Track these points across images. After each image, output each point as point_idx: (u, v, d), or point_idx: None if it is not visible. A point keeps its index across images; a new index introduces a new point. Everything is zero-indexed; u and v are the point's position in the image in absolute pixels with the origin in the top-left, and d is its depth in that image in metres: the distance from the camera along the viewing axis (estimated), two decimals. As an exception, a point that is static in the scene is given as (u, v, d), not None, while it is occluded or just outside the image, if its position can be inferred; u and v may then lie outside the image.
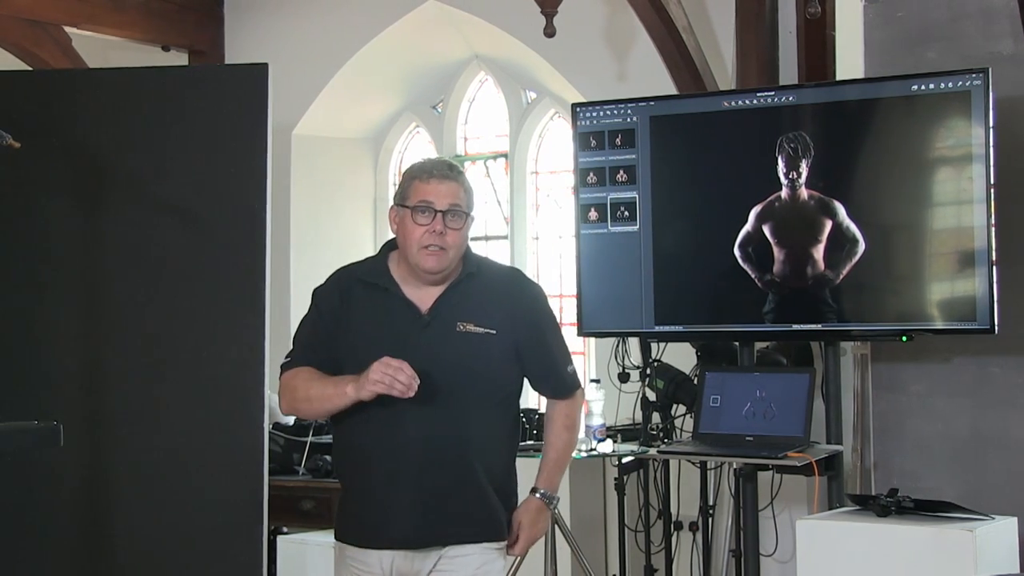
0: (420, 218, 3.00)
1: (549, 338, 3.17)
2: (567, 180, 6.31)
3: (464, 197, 3.05)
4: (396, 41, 6.61)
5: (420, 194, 3.02)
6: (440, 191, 3.01)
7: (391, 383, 2.86)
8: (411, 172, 3.09)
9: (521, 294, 3.15)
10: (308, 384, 3.05)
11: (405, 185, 3.07)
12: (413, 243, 3.01)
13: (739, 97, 4.59)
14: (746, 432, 4.29)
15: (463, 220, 3.04)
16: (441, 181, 3.02)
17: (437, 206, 3.00)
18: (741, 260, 4.47)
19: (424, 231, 2.99)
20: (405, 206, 3.04)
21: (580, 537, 4.89)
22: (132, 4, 6.44)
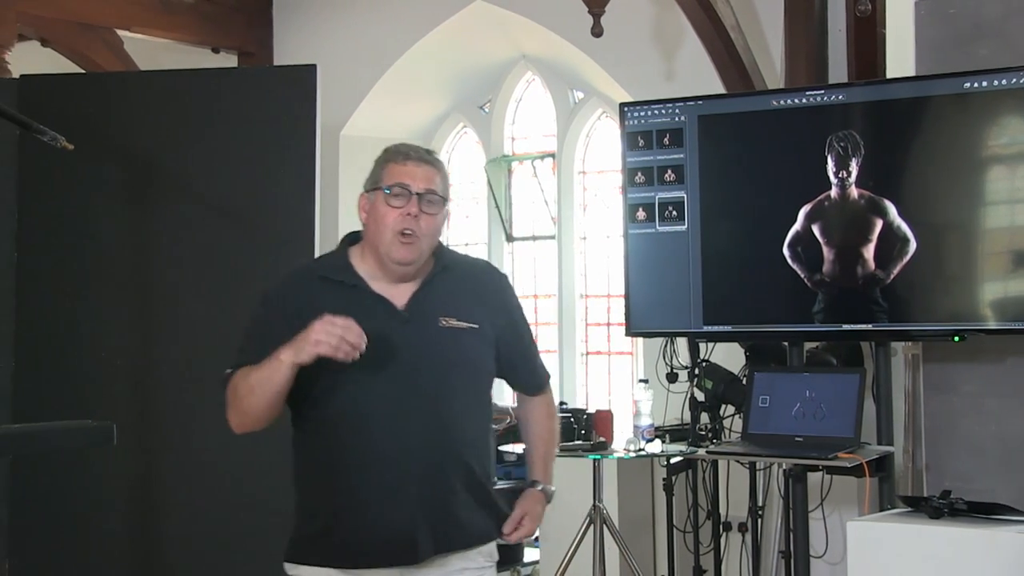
0: (394, 201, 2.78)
1: (523, 329, 3.03)
2: (615, 180, 6.31)
3: (441, 184, 2.84)
4: (443, 41, 6.63)
5: (395, 176, 2.81)
6: (417, 174, 2.81)
7: (338, 344, 2.60)
8: (385, 155, 2.89)
9: (497, 287, 2.99)
10: (246, 378, 2.73)
11: (378, 168, 2.87)
12: (386, 229, 2.78)
13: (788, 96, 4.55)
14: (796, 433, 4.26)
15: (439, 207, 2.82)
16: (418, 164, 2.83)
17: (413, 188, 2.78)
18: (790, 260, 4.43)
19: (398, 214, 2.77)
20: (379, 188, 2.82)
21: (628, 537, 4.88)
22: (182, 7, 6.50)
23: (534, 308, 7.01)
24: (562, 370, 6.74)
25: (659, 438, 4.93)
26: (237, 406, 2.74)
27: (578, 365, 6.76)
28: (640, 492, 5.34)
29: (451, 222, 2.81)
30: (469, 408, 2.86)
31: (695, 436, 4.87)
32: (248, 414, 2.73)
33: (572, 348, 6.75)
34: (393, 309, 2.79)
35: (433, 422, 2.78)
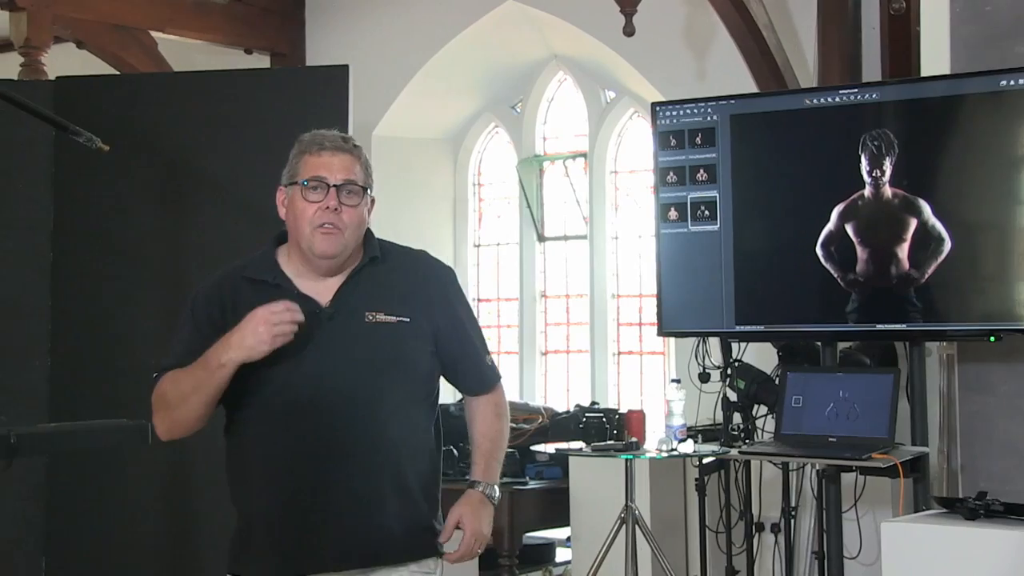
0: (312, 195, 2.63)
1: (467, 324, 2.82)
2: (646, 179, 6.29)
3: (360, 172, 2.68)
4: (475, 41, 6.63)
5: (311, 169, 2.65)
6: (333, 164, 2.65)
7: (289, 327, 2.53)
8: (300, 146, 2.71)
9: (433, 276, 2.80)
10: (176, 382, 2.62)
11: (294, 161, 2.70)
12: (304, 224, 2.63)
13: (821, 95, 4.53)
14: (829, 433, 4.24)
15: (360, 197, 2.67)
16: (334, 154, 2.67)
17: (330, 180, 2.63)
18: (823, 259, 4.41)
19: (316, 209, 2.62)
20: (295, 183, 2.67)
21: (660, 537, 4.87)
22: (215, 8, 6.54)
23: (566, 308, 7.01)
24: (594, 370, 6.73)
25: (691, 438, 4.91)
26: (167, 413, 2.63)
27: (610, 365, 6.75)
28: (672, 492, 5.33)
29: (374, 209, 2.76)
30: (401, 408, 2.68)
31: (727, 436, 4.85)
32: (180, 421, 2.63)
33: (604, 348, 6.74)
34: (316, 306, 2.65)
35: (356, 424, 2.63)
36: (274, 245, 2.76)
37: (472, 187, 7.29)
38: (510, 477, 5.47)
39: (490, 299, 7.26)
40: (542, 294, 7.07)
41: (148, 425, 1.63)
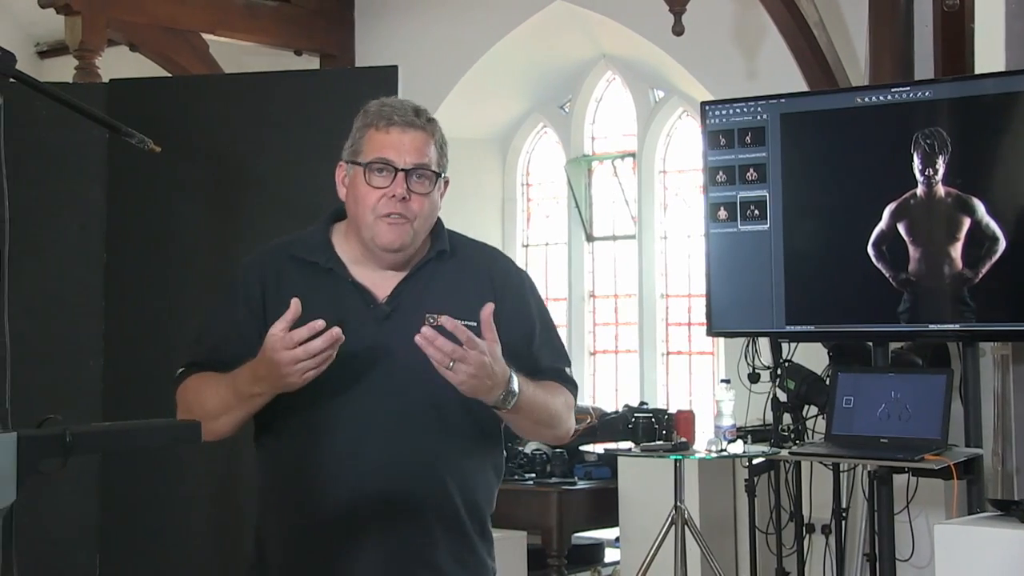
0: (376, 179, 2.27)
1: (545, 332, 2.42)
2: (695, 179, 6.27)
3: (434, 153, 2.33)
4: (523, 42, 6.63)
5: (377, 148, 2.29)
6: (403, 144, 2.28)
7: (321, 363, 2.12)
8: (365, 118, 2.34)
9: (507, 277, 2.41)
10: (200, 395, 2.27)
11: (358, 136, 2.34)
12: (367, 211, 2.27)
13: (873, 93, 4.50)
14: (881, 434, 4.21)
15: (432, 183, 2.31)
16: (404, 130, 2.30)
17: (398, 164, 2.27)
18: (875, 259, 4.38)
19: (381, 196, 2.26)
20: (357, 163, 2.30)
21: (710, 538, 4.85)
22: (265, 11, 6.58)
23: (614, 308, 6.99)
24: (643, 370, 6.71)
25: (741, 439, 4.89)
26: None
27: (659, 365, 6.73)
28: (722, 493, 5.31)
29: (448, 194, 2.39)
30: (459, 427, 2.29)
31: (778, 437, 4.82)
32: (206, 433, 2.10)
33: (653, 348, 6.72)
34: (371, 300, 2.29)
35: (409, 444, 2.25)
36: (329, 222, 2.40)
37: (521, 187, 7.29)
38: (559, 477, 5.47)
39: (539, 299, 7.26)
40: (591, 294, 7.06)
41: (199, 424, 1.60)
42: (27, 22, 7.34)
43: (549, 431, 2.40)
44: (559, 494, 5.40)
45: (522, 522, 5.46)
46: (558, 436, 2.44)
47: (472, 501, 2.33)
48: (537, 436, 2.51)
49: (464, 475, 2.31)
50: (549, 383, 2.34)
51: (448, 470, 2.28)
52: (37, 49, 7.66)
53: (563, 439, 2.48)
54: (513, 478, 5.52)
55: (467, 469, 2.32)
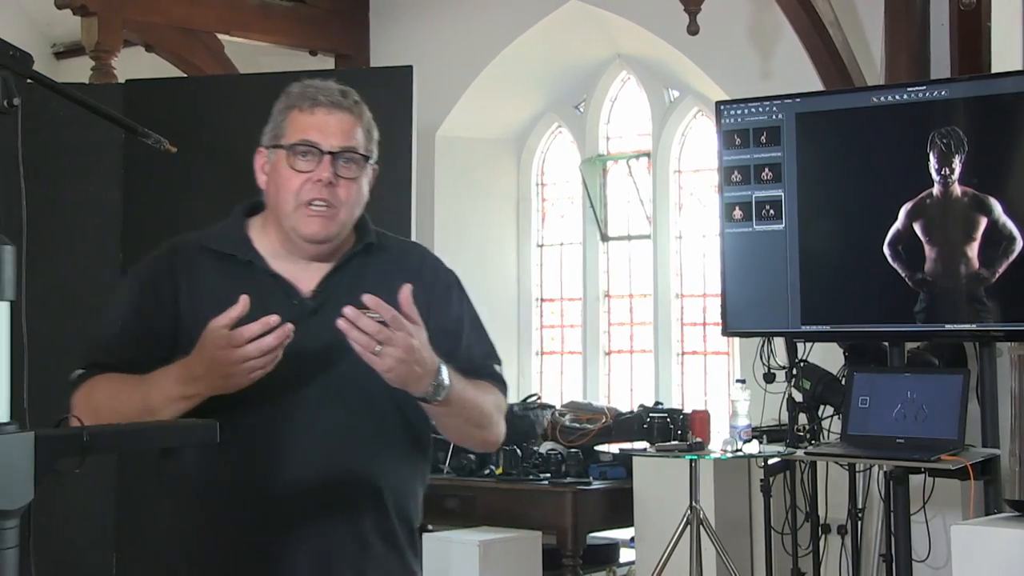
0: (300, 163, 2.11)
1: (469, 328, 2.27)
2: (710, 179, 6.26)
3: (362, 137, 2.15)
4: (538, 41, 6.63)
5: (300, 130, 2.12)
6: (329, 126, 2.11)
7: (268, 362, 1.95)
8: (288, 99, 2.17)
9: (436, 274, 2.28)
10: (114, 399, 2.02)
11: (279, 117, 2.16)
12: (289, 198, 2.11)
13: (888, 92, 4.49)
14: (897, 434, 4.20)
15: (360, 168, 2.14)
16: (330, 112, 2.12)
17: (324, 146, 2.10)
18: (891, 258, 4.37)
19: (305, 181, 2.10)
20: (279, 146, 2.14)
21: (725, 538, 4.84)
22: (280, 11, 6.59)
23: (629, 308, 6.99)
24: (658, 370, 6.70)
25: (756, 439, 4.88)
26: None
27: (674, 365, 6.72)
28: (737, 493, 5.30)
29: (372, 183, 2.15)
30: (394, 432, 2.16)
31: (793, 437, 4.81)
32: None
33: (668, 348, 6.71)
34: (296, 295, 2.13)
35: (341, 444, 2.10)
36: (243, 215, 2.24)
37: (535, 187, 7.29)
38: (574, 477, 5.47)
39: (553, 299, 7.26)
40: (605, 294, 7.05)
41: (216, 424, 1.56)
42: (44, 23, 7.37)
43: (480, 433, 2.21)
44: (574, 494, 5.39)
45: (537, 522, 5.46)
46: (488, 441, 2.24)
47: (405, 512, 2.19)
48: (467, 439, 2.28)
49: (399, 484, 2.17)
50: (480, 382, 2.19)
51: (384, 479, 2.13)
52: (54, 50, 7.69)
53: (493, 444, 2.27)
54: (528, 478, 5.52)
55: (401, 478, 2.18)
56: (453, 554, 5.28)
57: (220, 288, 2.09)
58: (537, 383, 7.12)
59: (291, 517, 2.08)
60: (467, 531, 5.43)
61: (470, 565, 5.20)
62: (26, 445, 1.42)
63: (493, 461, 5.59)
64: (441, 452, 5.62)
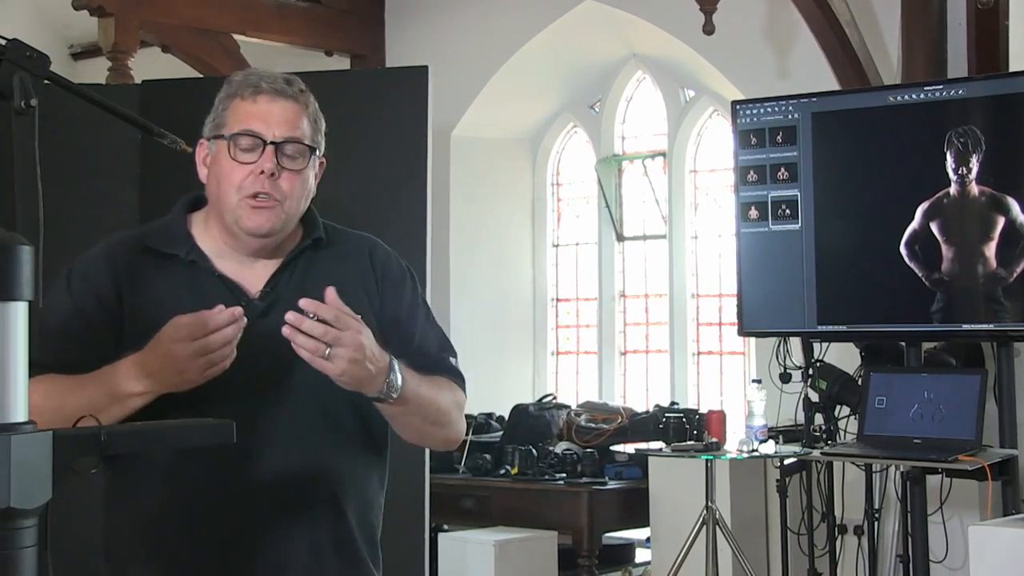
0: (242, 155, 2.01)
1: (428, 324, 2.18)
2: (726, 178, 6.25)
3: (307, 127, 2.06)
4: (554, 41, 6.63)
5: (242, 119, 2.03)
6: (272, 114, 2.02)
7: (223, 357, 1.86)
8: (230, 88, 2.07)
9: (387, 267, 2.16)
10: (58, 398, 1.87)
11: (220, 107, 2.08)
12: (230, 191, 2.01)
13: (905, 92, 4.47)
14: (914, 434, 4.18)
15: (306, 159, 2.05)
16: (273, 99, 2.03)
17: (267, 136, 2.01)
18: (908, 258, 4.36)
19: (248, 173, 2.00)
20: (220, 136, 2.05)
21: (741, 539, 4.83)
22: (296, 11, 6.61)
23: (645, 308, 6.98)
24: (673, 370, 6.69)
25: (772, 439, 4.87)
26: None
27: (689, 365, 6.71)
28: (753, 493, 5.29)
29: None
30: (351, 437, 2.07)
31: (809, 437, 4.80)
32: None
33: (683, 348, 6.70)
34: (242, 295, 2.03)
35: (299, 457, 2.01)
36: (185, 211, 2.14)
37: (551, 187, 7.29)
38: (589, 477, 5.47)
39: (569, 299, 7.26)
40: (621, 294, 7.05)
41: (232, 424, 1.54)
42: (61, 24, 7.40)
43: (439, 432, 2.12)
44: (590, 494, 5.39)
45: (553, 522, 5.46)
46: (448, 438, 2.15)
47: (366, 521, 2.10)
48: (425, 439, 2.18)
49: (358, 493, 2.08)
50: (436, 378, 2.10)
51: (342, 488, 2.04)
52: (71, 51, 7.72)
53: (453, 443, 2.18)
54: (544, 478, 5.52)
55: (360, 486, 2.08)
56: (468, 554, 5.29)
57: (163, 289, 2.01)
58: (552, 383, 7.12)
59: (247, 527, 1.99)
60: (482, 531, 5.43)
61: (485, 565, 5.20)
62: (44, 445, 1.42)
63: (509, 461, 5.59)
64: (457, 452, 5.63)
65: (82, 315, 2.01)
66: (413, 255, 4.35)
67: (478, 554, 5.24)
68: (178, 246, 2.06)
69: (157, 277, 2.04)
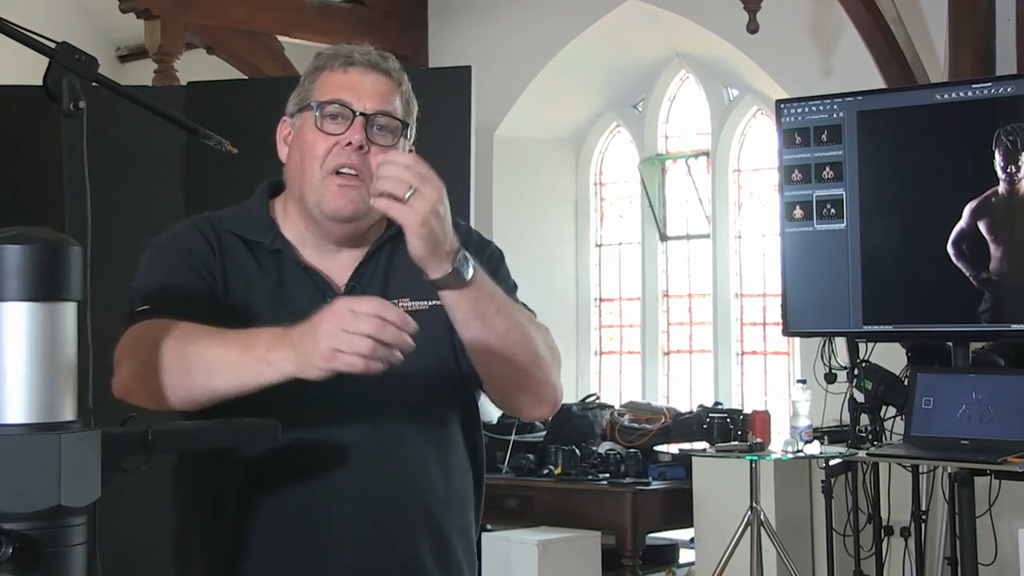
0: (330, 124, 1.85)
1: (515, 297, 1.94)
2: (770, 178, 6.22)
3: (400, 104, 1.89)
4: (597, 41, 6.62)
5: (332, 89, 1.87)
6: (364, 86, 1.86)
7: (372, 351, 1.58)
8: (319, 61, 1.93)
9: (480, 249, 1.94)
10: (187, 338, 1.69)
11: (308, 81, 1.92)
12: (314, 165, 1.85)
13: (953, 89, 4.44)
14: (961, 435, 4.15)
15: (396, 136, 1.88)
16: (366, 72, 1.88)
17: (357, 107, 1.85)
18: (955, 258, 4.32)
19: (333, 144, 1.84)
20: (307, 107, 1.89)
21: (786, 540, 4.81)
22: (339, 12, 6.64)
23: (688, 308, 6.96)
24: (717, 370, 6.67)
25: (817, 439, 4.84)
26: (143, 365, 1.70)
27: (733, 365, 6.68)
28: (798, 494, 5.26)
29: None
30: (440, 434, 1.90)
31: (855, 438, 4.77)
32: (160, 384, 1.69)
33: (727, 348, 6.68)
34: (328, 289, 1.87)
35: (388, 459, 1.84)
36: (266, 196, 1.98)
37: (594, 187, 7.28)
38: (633, 477, 5.46)
39: (612, 299, 7.24)
40: (664, 294, 7.03)
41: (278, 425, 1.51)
42: (108, 27, 7.47)
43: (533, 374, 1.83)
44: (633, 494, 5.38)
45: (596, 522, 5.46)
46: (545, 384, 1.86)
47: (463, 527, 1.93)
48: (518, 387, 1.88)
49: (454, 500, 1.91)
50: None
51: (438, 498, 1.88)
52: (118, 53, 7.80)
53: (550, 398, 1.89)
54: (587, 478, 5.52)
55: (455, 492, 1.91)
56: (512, 554, 5.29)
57: (252, 277, 1.86)
58: (596, 383, 7.11)
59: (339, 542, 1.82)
60: (526, 531, 5.43)
61: (529, 565, 5.20)
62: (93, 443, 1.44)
63: (552, 461, 5.59)
64: (500, 452, 5.64)
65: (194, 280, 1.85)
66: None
67: (522, 554, 5.25)
68: (262, 233, 1.90)
69: (245, 262, 1.88)
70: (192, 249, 1.88)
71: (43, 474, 1.35)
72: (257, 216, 1.93)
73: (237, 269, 1.87)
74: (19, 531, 1.32)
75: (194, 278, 1.84)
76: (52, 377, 1.40)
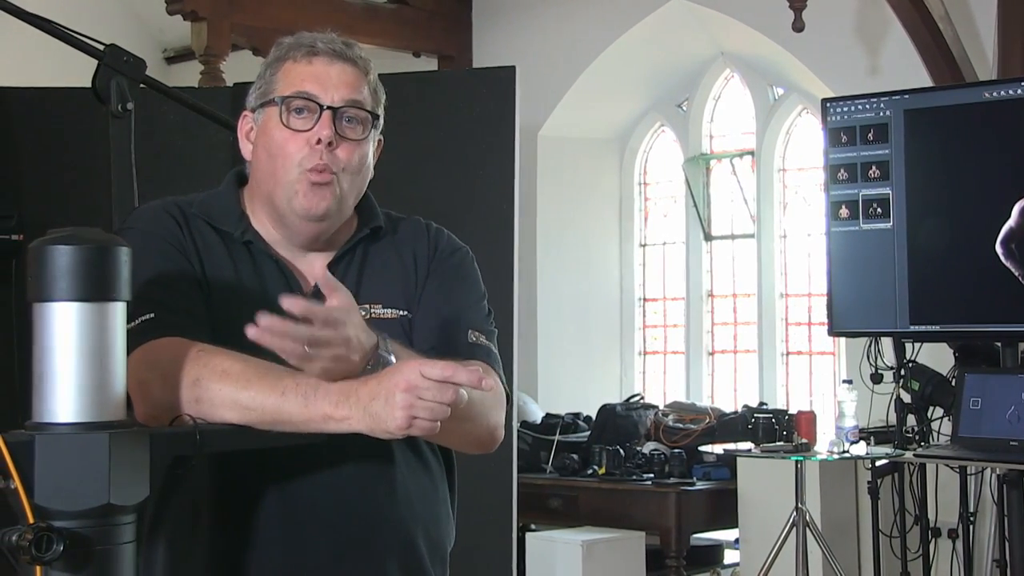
0: (296, 119, 1.76)
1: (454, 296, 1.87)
2: (815, 177, 6.18)
3: (368, 93, 1.81)
4: (641, 40, 6.61)
5: (296, 81, 1.78)
6: (330, 77, 1.78)
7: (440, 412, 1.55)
8: (279, 51, 1.84)
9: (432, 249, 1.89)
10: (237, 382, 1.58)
11: (269, 73, 1.82)
12: (287, 164, 1.75)
13: (1002, 87, 4.39)
14: (1010, 436, 4.11)
15: (366, 128, 1.80)
16: (331, 61, 1.80)
17: (324, 99, 1.76)
18: (1004, 257, 4.27)
19: (303, 141, 1.75)
20: (270, 102, 1.78)
21: (832, 541, 4.77)
22: (384, 13, 6.66)
23: (733, 308, 6.92)
24: (762, 370, 6.64)
25: (863, 440, 4.81)
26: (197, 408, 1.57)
27: (778, 365, 6.65)
28: (844, 495, 5.22)
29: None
30: (412, 447, 1.81)
31: (901, 438, 4.73)
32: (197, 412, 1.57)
33: (772, 348, 6.64)
34: (298, 286, 1.78)
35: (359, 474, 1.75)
36: (236, 186, 1.87)
37: (638, 186, 7.26)
38: (677, 477, 5.45)
39: (656, 299, 7.23)
40: (709, 293, 7.00)
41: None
42: (155, 29, 7.54)
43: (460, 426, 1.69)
44: (678, 494, 5.37)
45: (640, 522, 5.45)
46: (478, 436, 1.78)
47: (435, 540, 1.85)
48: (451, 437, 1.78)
49: (426, 509, 1.83)
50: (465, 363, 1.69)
51: (409, 507, 1.80)
52: (165, 55, 7.86)
53: (486, 441, 1.81)
54: (631, 478, 5.51)
55: (428, 501, 1.84)
56: (556, 554, 5.29)
57: (224, 264, 1.77)
58: (640, 383, 7.09)
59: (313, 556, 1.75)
60: (570, 531, 5.43)
61: (573, 565, 5.20)
62: (142, 442, 1.45)
63: (596, 461, 5.59)
64: (544, 452, 5.64)
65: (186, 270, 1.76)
66: (500, 255, 4.36)
67: (566, 554, 5.24)
68: (232, 223, 1.80)
69: (218, 251, 1.78)
70: (172, 233, 1.78)
71: (93, 473, 1.37)
72: (227, 205, 1.82)
73: (210, 255, 1.77)
74: (69, 529, 1.34)
75: (184, 264, 1.75)
76: (101, 377, 1.41)
